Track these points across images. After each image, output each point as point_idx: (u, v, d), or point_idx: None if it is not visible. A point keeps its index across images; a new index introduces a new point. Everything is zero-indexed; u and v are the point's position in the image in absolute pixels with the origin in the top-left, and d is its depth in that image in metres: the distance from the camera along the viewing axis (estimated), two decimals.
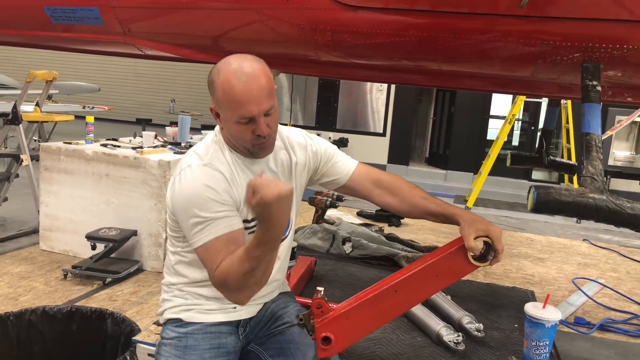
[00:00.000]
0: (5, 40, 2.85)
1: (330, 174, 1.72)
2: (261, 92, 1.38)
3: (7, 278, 2.96)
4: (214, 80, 1.42)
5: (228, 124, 1.44)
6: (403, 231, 3.75)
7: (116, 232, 3.14)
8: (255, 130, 1.41)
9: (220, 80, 1.39)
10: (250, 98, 1.37)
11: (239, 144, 1.47)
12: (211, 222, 1.38)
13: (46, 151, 3.45)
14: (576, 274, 3.12)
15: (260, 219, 1.26)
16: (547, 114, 3.34)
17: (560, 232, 6.18)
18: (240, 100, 1.37)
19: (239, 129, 1.42)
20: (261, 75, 1.40)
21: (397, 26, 2.13)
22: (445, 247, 1.54)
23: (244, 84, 1.37)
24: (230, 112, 1.40)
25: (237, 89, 1.37)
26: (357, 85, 9.63)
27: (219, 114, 1.46)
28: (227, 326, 1.55)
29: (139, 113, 14.02)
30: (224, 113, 1.43)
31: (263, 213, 1.23)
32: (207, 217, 1.38)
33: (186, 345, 1.49)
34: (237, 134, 1.44)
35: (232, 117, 1.40)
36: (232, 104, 1.38)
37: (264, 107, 1.39)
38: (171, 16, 2.38)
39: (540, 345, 1.72)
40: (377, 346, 1.90)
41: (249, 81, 1.37)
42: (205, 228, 1.38)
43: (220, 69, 1.41)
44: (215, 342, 1.52)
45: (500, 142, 7.59)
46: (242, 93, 1.36)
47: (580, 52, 1.96)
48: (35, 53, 13.84)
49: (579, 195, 1.71)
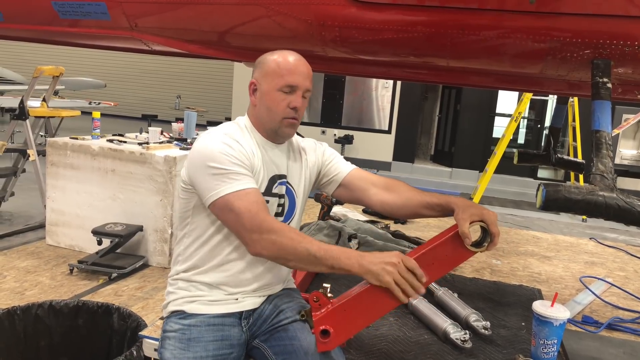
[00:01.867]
0: (13, 35, 2.85)
1: (330, 173, 1.77)
2: (307, 72, 1.59)
3: (14, 272, 2.97)
4: (265, 58, 1.59)
5: (268, 94, 1.56)
6: (409, 228, 3.74)
7: (122, 228, 3.14)
8: (292, 102, 1.55)
9: (274, 56, 1.57)
10: (300, 71, 1.56)
11: (270, 117, 1.57)
12: (234, 175, 1.45)
13: (53, 146, 3.45)
14: (583, 273, 3.10)
15: (365, 273, 1.34)
16: (556, 111, 3.31)
17: (566, 231, 6.16)
18: (291, 69, 1.54)
19: (278, 97, 1.54)
20: (308, 64, 1.60)
21: (405, 22, 2.11)
22: (441, 234, 1.51)
23: (296, 60, 1.57)
24: (277, 79, 1.54)
25: (290, 60, 1.56)
26: (362, 83, 9.61)
27: (258, 89, 1.59)
28: (230, 318, 1.57)
29: (144, 109, 14.05)
30: (268, 83, 1.55)
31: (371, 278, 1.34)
32: (229, 170, 1.45)
33: (190, 338, 1.51)
34: (274, 104, 1.55)
35: (277, 85, 1.54)
36: (282, 72, 1.54)
37: (307, 84, 1.57)
38: (178, 11, 2.37)
39: (548, 344, 1.71)
40: (384, 343, 1.89)
41: (301, 60, 1.59)
42: (228, 179, 1.44)
43: (274, 52, 1.60)
44: (219, 334, 1.53)
45: (506, 140, 7.56)
46: (293, 64, 1.56)
47: (591, 49, 1.94)
48: (42, 49, 13.91)
49: (589, 193, 1.70)
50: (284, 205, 1.64)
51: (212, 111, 12.91)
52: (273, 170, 1.61)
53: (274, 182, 1.60)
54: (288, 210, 1.66)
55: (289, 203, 1.66)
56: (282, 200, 1.63)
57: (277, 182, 1.62)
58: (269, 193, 1.59)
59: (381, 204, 1.71)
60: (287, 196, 1.65)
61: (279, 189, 1.62)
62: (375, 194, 1.71)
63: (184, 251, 1.61)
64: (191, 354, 1.48)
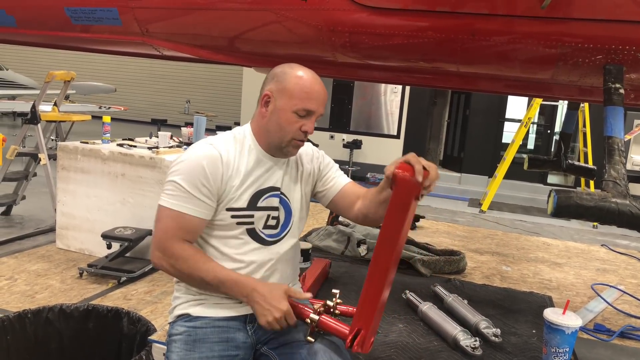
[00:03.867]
0: (26, 40, 2.88)
1: (325, 185, 1.74)
2: (324, 97, 1.58)
3: (25, 276, 2.99)
4: (285, 72, 1.56)
5: (283, 112, 1.53)
6: (418, 234, 3.73)
7: (131, 232, 3.15)
8: (304, 126, 1.54)
9: (295, 72, 1.55)
10: (319, 97, 1.55)
11: (279, 135, 1.55)
12: (186, 195, 1.49)
13: (63, 150, 3.48)
14: (595, 280, 3.07)
15: (253, 303, 1.49)
16: (567, 117, 3.29)
17: (576, 237, 6.10)
18: (310, 94, 1.53)
19: (292, 119, 1.53)
20: (324, 87, 1.59)
21: (416, 27, 2.11)
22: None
23: (317, 84, 1.56)
24: (295, 100, 1.52)
25: (313, 84, 1.54)
26: (371, 87, 9.60)
27: (272, 102, 1.56)
28: (235, 321, 1.57)
29: (154, 113, 14.15)
30: (285, 101, 1.53)
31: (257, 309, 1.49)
32: (187, 190, 1.49)
33: (195, 339, 1.51)
34: (287, 124, 1.53)
35: (295, 106, 1.52)
36: (302, 94, 1.52)
37: (321, 110, 1.57)
38: (189, 17, 2.39)
39: (560, 352, 1.69)
40: (393, 350, 1.88)
41: (320, 85, 1.57)
42: (177, 195, 1.49)
43: (293, 66, 1.57)
44: (224, 336, 1.53)
45: (516, 146, 7.53)
46: (314, 89, 1.54)
47: (603, 54, 1.93)
48: (54, 54, 14.04)
49: (601, 200, 1.68)
50: (278, 217, 1.62)
51: (222, 116, 12.97)
52: (264, 183, 1.59)
53: (260, 196, 1.58)
54: (284, 222, 1.64)
55: (284, 215, 1.64)
56: (275, 212, 1.61)
57: (267, 195, 1.59)
58: (252, 207, 1.57)
59: (359, 215, 1.68)
60: (282, 208, 1.63)
61: (269, 202, 1.59)
62: (358, 208, 1.68)
63: None
64: (197, 354, 1.48)
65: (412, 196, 1.36)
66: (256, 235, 1.59)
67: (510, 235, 4.28)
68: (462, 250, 3.16)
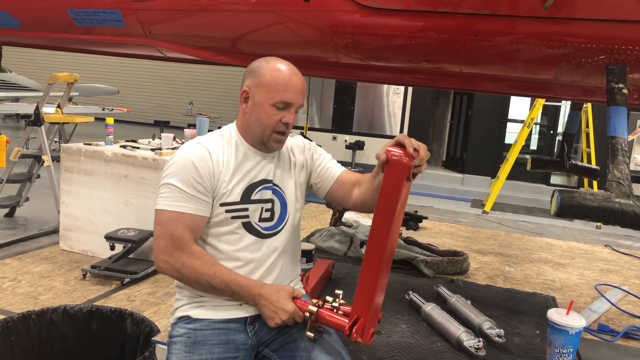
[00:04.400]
0: (30, 42, 2.89)
1: (320, 175, 1.74)
2: (302, 89, 1.58)
3: (28, 277, 3.00)
4: (260, 66, 1.56)
5: (261, 106, 1.54)
6: (421, 235, 3.72)
7: (134, 233, 3.16)
8: (284, 118, 1.54)
9: (271, 66, 1.55)
10: (296, 88, 1.55)
11: (260, 129, 1.56)
12: (182, 195, 1.50)
13: (67, 152, 3.49)
14: (598, 281, 3.06)
15: (260, 306, 1.53)
16: (570, 117, 3.28)
17: (579, 238, 6.08)
18: (287, 86, 1.53)
19: (271, 112, 1.54)
20: (303, 78, 1.60)
21: (418, 28, 2.11)
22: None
23: (293, 75, 1.56)
24: (271, 94, 1.53)
25: (287, 76, 1.54)
26: (373, 88, 9.59)
27: (250, 98, 1.57)
28: (235, 323, 1.57)
29: (157, 115, 14.16)
30: (262, 95, 1.54)
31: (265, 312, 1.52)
32: (182, 190, 1.50)
33: (195, 341, 1.52)
34: (266, 117, 1.54)
35: (271, 99, 1.53)
36: (279, 87, 1.53)
37: (300, 101, 1.57)
38: (192, 18, 2.39)
39: (563, 353, 1.69)
40: (396, 350, 1.88)
41: (297, 76, 1.57)
42: (173, 196, 1.50)
43: (269, 60, 1.57)
44: (224, 338, 1.53)
45: (519, 146, 7.51)
46: (290, 81, 1.54)
47: (606, 54, 1.93)
48: (57, 56, 14.08)
49: (605, 200, 1.68)
50: (272, 209, 1.63)
51: (224, 117, 12.97)
52: (254, 177, 1.60)
53: (253, 189, 1.59)
54: (280, 214, 1.64)
55: (280, 206, 1.64)
56: (268, 204, 1.62)
57: (260, 188, 1.60)
58: (246, 200, 1.58)
59: (358, 202, 1.69)
60: (277, 199, 1.64)
61: (262, 194, 1.60)
62: (355, 196, 1.69)
63: None
64: (196, 356, 1.48)
65: (404, 176, 1.36)
66: (252, 228, 1.59)
67: (513, 235, 4.27)
68: (465, 250, 3.15)
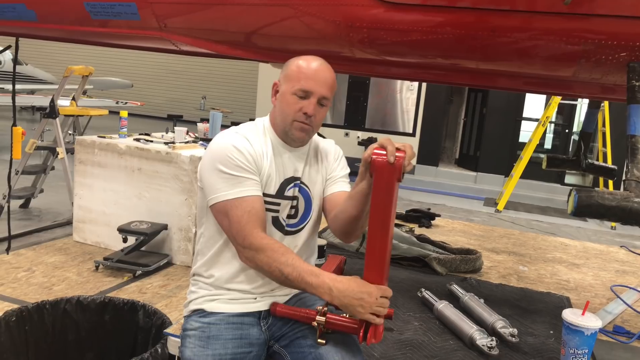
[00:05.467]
0: (46, 34, 2.91)
1: (327, 186, 1.70)
2: (326, 80, 1.56)
3: (42, 267, 3.03)
4: (291, 61, 1.60)
5: (284, 96, 1.56)
6: (434, 232, 3.70)
7: (147, 226, 3.17)
8: (304, 108, 1.54)
9: (299, 60, 1.58)
10: (317, 78, 1.55)
11: (282, 118, 1.57)
12: (236, 180, 1.48)
13: (81, 144, 3.51)
14: (614, 282, 3.02)
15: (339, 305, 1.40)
16: (587, 115, 3.23)
17: (594, 238, 6.02)
18: (308, 74, 1.54)
19: (292, 100, 1.54)
20: (332, 73, 1.59)
21: (434, 23, 2.09)
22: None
23: (317, 66, 1.56)
24: (293, 82, 1.55)
25: (310, 66, 1.56)
26: (387, 85, 9.55)
27: (278, 90, 1.60)
28: (249, 317, 1.57)
29: (170, 109, 14.21)
30: (286, 84, 1.56)
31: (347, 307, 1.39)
32: (233, 174, 1.48)
33: (209, 335, 1.52)
34: (287, 105, 1.55)
35: (292, 88, 1.54)
36: (299, 75, 1.54)
37: (322, 92, 1.54)
38: (207, 12, 2.39)
39: (578, 354, 1.67)
40: (408, 348, 1.87)
41: (322, 67, 1.57)
42: (230, 184, 1.48)
43: (302, 56, 1.60)
44: (237, 332, 1.53)
45: (533, 145, 7.44)
46: (312, 71, 1.55)
47: (627, 52, 1.89)
48: (73, 49, 14.19)
49: (624, 200, 1.65)
50: (297, 207, 1.62)
51: (237, 112, 12.99)
52: (286, 172, 1.60)
53: (286, 185, 1.59)
54: (304, 212, 1.64)
55: (304, 205, 1.64)
56: (294, 202, 1.62)
57: (291, 184, 1.60)
58: (281, 195, 1.58)
59: (339, 222, 1.62)
60: (302, 197, 1.63)
61: (292, 191, 1.61)
62: (334, 215, 1.63)
63: (201, 250, 1.64)
64: (210, 351, 1.49)
65: (393, 178, 1.37)
66: (279, 224, 1.60)
67: (527, 235, 4.23)
68: (478, 249, 3.13)
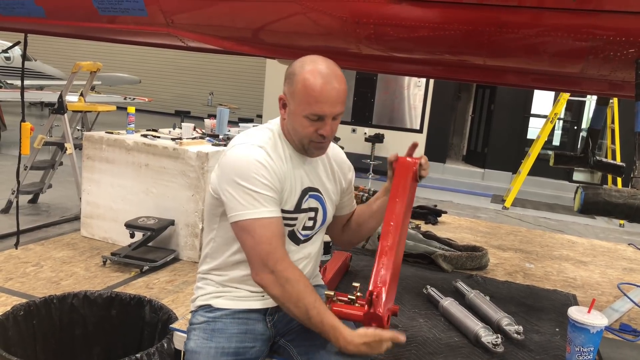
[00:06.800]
0: (54, 31, 2.92)
1: (343, 202, 1.76)
2: (338, 96, 1.45)
3: (50, 262, 3.06)
4: (295, 73, 1.47)
5: (295, 116, 1.48)
6: (440, 229, 3.69)
7: (154, 222, 3.19)
8: (319, 129, 1.47)
9: (304, 74, 1.45)
10: (328, 99, 1.43)
11: (297, 138, 1.51)
12: (262, 198, 1.42)
13: (89, 140, 3.53)
14: (621, 279, 3.00)
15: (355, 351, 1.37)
16: (595, 112, 3.21)
17: (602, 236, 5.99)
18: (318, 97, 1.43)
19: (305, 123, 1.47)
20: (342, 81, 1.47)
21: (442, 19, 2.08)
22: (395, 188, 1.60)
23: (326, 84, 1.43)
24: (303, 105, 1.45)
25: (318, 86, 1.43)
26: (394, 81, 9.51)
27: (287, 105, 1.50)
28: (255, 313, 1.58)
29: (178, 105, 14.27)
30: (296, 105, 1.47)
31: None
32: (258, 192, 1.42)
33: (214, 329, 1.52)
34: (301, 128, 1.48)
35: (304, 111, 1.45)
36: (309, 99, 1.43)
37: (337, 110, 1.46)
38: (214, 8, 2.39)
39: (584, 352, 1.66)
40: (413, 345, 1.87)
41: (331, 83, 1.44)
42: (255, 202, 1.41)
43: (305, 63, 1.47)
44: (243, 327, 1.54)
45: (541, 142, 7.41)
46: (322, 92, 1.43)
47: (635, 48, 1.87)
48: (81, 45, 14.25)
49: (631, 197, 1.64)
50: (315, 218, 1.61)
51: (244, 108, 13.02)
52: (302, 183, 1.56)
53: (303, 197, 1.56)
54: (321, 222, 1.64)
55: (322, 215, 1.63)
56: (312, 213, 1.59)
57: (308, 196, 1.57)
58: (298, 209, 1.55)
59: (342, 233, 1.81)
60: (320, 208, 1.61)
61: (309, 203, 1.58)
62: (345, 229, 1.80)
63: (211, 254, 1.62)
64: (214, 344, 1.50)
65: (411, 174, 1.55)
66: (295, 236, 1.58)
67: (534, 232, 4.21)
68: (484, 246, 3.12)
